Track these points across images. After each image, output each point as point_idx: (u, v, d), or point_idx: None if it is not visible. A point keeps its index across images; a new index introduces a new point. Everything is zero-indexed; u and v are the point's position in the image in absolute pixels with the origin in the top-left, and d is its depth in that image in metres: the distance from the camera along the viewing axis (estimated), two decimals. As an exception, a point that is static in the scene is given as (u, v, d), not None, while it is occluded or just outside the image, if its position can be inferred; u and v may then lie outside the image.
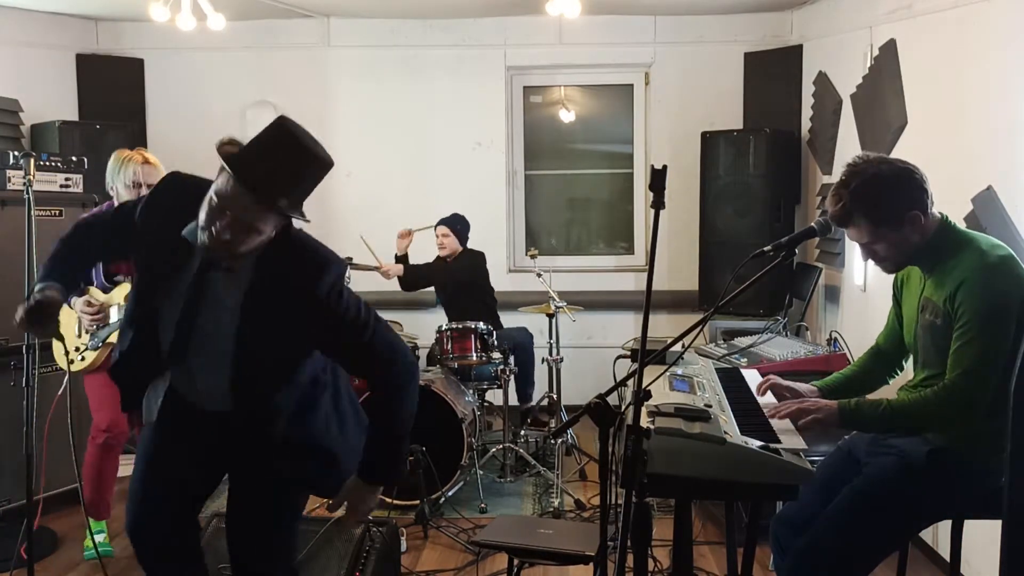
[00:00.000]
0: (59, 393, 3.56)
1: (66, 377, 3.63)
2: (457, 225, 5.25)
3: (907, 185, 2.29)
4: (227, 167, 1.95)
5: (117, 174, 3.50)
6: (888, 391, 2.70)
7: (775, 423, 2.34)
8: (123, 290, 3.50)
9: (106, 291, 3.56)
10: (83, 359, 3.57)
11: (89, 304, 3.44)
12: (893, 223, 2.29)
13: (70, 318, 3.62)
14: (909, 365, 2.63)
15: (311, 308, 2.11)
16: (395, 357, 2.22)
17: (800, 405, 2.37)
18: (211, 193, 1.99)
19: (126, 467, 3.99)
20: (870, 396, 2.79)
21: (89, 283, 3.60)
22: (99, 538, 3.71)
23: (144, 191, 3.41)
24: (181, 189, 2.17)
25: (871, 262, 2.44)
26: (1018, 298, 2.20)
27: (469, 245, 5.35)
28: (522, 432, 5.04)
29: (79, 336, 3.60)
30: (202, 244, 2.03)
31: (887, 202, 2.28)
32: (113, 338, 3.48)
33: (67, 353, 3.60)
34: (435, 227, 5.28)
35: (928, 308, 2.34)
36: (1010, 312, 2.18)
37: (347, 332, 2.16)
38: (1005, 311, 2.18)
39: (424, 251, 5.37)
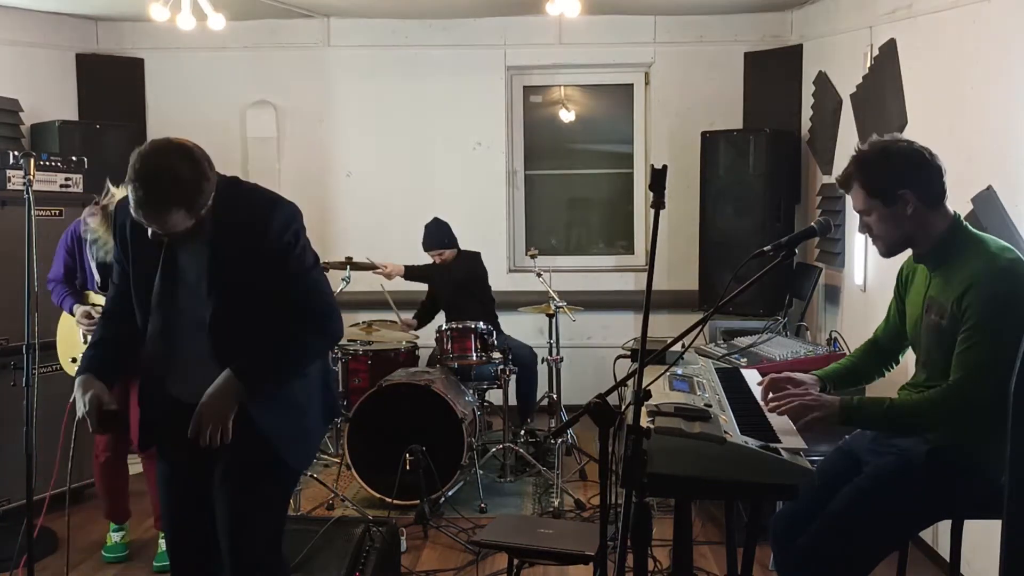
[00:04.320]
0: (71, 402, 3.54)
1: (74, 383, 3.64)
2: (443, 240, 5.20)
3: (910, 165, 2.31)
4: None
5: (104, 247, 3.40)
6: (885, 384, 2.70)
7: (775, 423, 2.34)
8: None
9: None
10: None
11: (88, 316, 3.47)
12: (885, 197, 2.31)
13: (72, 327, 3.64)
14: (905, 360, 2.63)
15: (266, 249, 2.21)
16: (329, 312, 2.33)
17: (802, 400, 2.34)
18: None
19: (135, 466, 4.01)
20: (869, 390, 2.80)
21: (85, 286, 3.61)
22: (116, 537, 3.84)
23: None
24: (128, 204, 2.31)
25: (870, 262, 2.44)
26: None
27: (464, 245, 5.33)
28: (522, 432, 5.04)
29: (84, 343, 3.58)
30: None
31: (884, 174, 2.30)
32: None
33: (74, 360, 3.61)
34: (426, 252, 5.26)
35: (933, 308, 2.33)
36: (1017, 317, 2.16)
37: (292, 275, 2.26)
38: (1012, 316, 2.16)
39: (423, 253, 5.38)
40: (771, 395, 2.44)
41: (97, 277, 3.58)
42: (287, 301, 2.30)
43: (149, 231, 2.17)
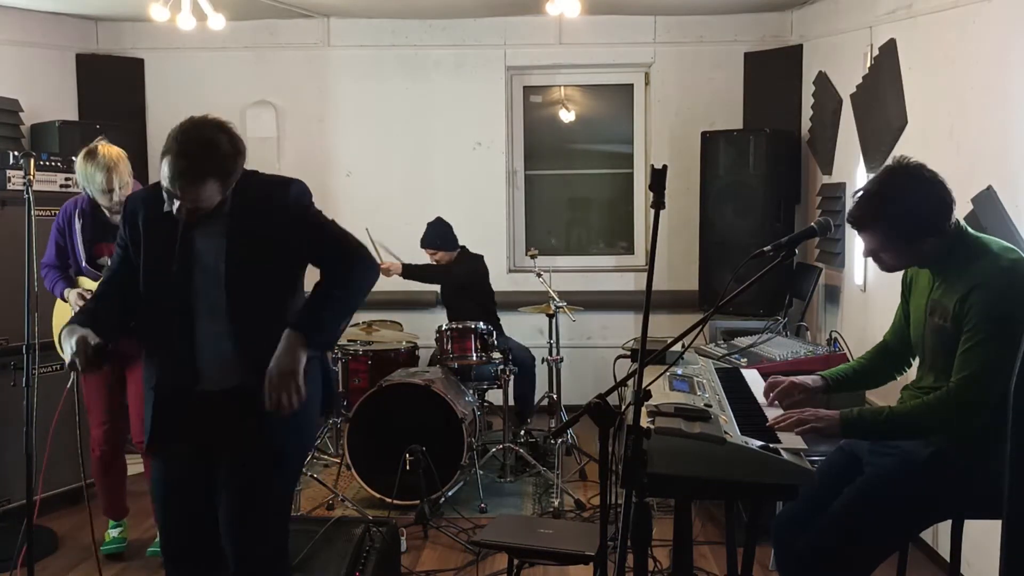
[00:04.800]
0: (67, 386, 3.58)
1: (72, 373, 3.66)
2: (437, 240, 5.19)
3: (936, 215, 2.27)
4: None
5: (88, 183, 3.49)
6: (892, 389, 2.70)
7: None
8: None
9: (96, 278, 3.55)
10: None
11: (83, 298, 3.47)
12: (909, 239, 2.29)
13: (66, 313, 3.63)
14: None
15: (285, 222, 2.32)
16: (360, 247, 2.42)
17: (800, 415, 2.34)
18: (162, 185, 2.25)
19: (135, 466, 4.01)
20: (872, 394, 2.79)
21: (79, 273, 3.60)
22: (115, 532, 3.83)
23: (117, 194, 3.45)
24: (142, 196, 2.42)
25: (870, 262, 2.44)
26: None
27: (470, 248, 5.32)
28: (522, 432, 5.04)
29: None
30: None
31: (910, 221, 2.27)
32: None
33: None
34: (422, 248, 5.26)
35: (937, 311, 2.33)
36: (1019, 318, 2.15)
37: (319, 235, 2.37)
38: (1014, 317, 2.15)
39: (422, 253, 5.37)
40: (771, 418, 2.42)
41: (82, 251, 3.56)
42: (310, 262, 2.40)
43: (175, 206, 2.22)
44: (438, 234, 5.21)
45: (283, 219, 2.32)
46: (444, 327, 4.79)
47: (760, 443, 2.06)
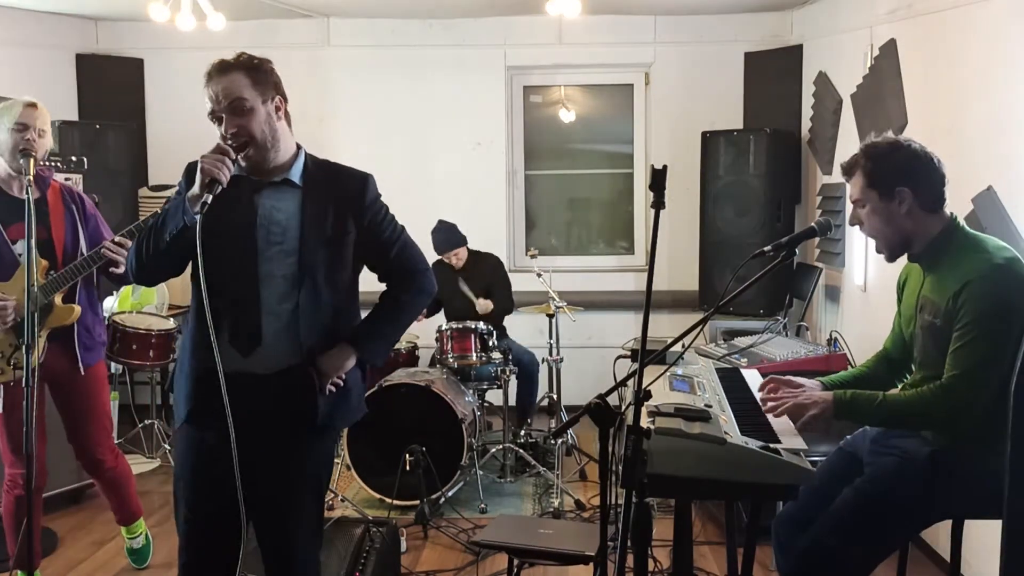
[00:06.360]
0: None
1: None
2: (454, 239, 5.14)
3: (914, 164, 2.31)
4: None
5: (3, 115, 3.04)
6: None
7: (775, 423, 2.34)
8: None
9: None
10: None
11: None
12: (882, 189, 2.31)
13: None
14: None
15: (359, 215, 2.40)
16: (423, 268, 2.53)
17: (796, 400, 2.36)
18: (208, 110, 2.28)
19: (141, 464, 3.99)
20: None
21: None
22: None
23: (31, 133, 3.03)
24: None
25: (870, 262, 2.44)
26: (1022, 302, 2.18)
27: (470, 247, 5.31)
28: (522, 432, 5.04)
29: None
30: (235, 158, 2.24)
31: (887, 167, 2.31)
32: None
33: None
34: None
35: (927, 308, 2.33)
36: (1012, 315, 2.15)
37: (387, 240, 2.45)
38: (1007, 314, 2.15)
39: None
40: (766, 397, 2.44)
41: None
42: (378, 262, 2.49)
43: (222, 127, 2.23)
44: (452, 233, 5.16)
45: (355, 214, 2.39)
46: (444, 327, 4.79)
47: (760, 443, 2.06)
